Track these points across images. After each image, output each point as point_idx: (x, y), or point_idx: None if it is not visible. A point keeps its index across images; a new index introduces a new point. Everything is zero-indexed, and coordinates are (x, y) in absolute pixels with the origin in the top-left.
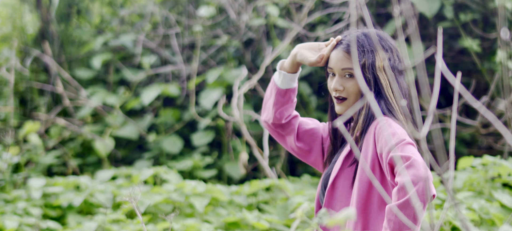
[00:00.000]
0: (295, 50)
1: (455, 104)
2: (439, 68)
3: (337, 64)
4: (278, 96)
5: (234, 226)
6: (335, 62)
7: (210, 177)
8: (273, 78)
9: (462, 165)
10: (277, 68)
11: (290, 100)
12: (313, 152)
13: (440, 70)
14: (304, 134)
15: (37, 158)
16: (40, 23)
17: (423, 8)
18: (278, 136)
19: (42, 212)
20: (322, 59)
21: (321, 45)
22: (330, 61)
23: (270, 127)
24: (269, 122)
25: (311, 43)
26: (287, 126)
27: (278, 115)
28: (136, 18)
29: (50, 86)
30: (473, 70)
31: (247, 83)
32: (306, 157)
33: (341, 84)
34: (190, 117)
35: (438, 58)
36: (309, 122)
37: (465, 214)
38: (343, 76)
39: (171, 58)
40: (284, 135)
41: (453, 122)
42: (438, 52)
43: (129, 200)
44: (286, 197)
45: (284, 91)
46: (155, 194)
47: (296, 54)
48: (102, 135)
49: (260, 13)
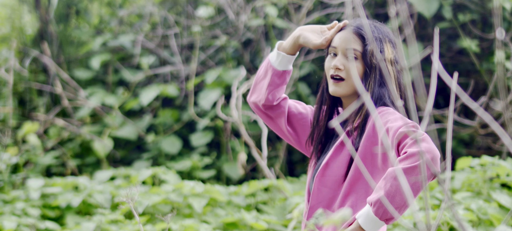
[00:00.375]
0: (298, 33)
1: (451, 105)
2: (436, 69)
3: (342, 44)
4: (275, 77)
5: (232, 227)
6: (340, 42)
7: (209, 178)
8: (269, 59)
9: (460, 165)
10: (275, 48)
11: (285, 82)
12: (302, 137)
13: (436, 71)
14: (293, 117)
15: (36, 158)
16: (39, 24)
17: (421, 8)
18: (267, 118)
19: (41, 212)
20: (327, 42)
21: (323, 28)
22: (334, 41)
23: (259, 109)
24: (260, 104)
25: (313, 26)
26: (277, 108)
27: (271, 97)
28: (135, 19)
29: (49, 86)
30: (472, 71)
31: (245, 84)
32: (294, 141)
33: (343, 64)
34: (189, 117)
35: (434, 59)
36: (297, 106)
37: (463, 215)
38: (346, 57)
39: (170, 58)
40: (274, 117)
41: (449, 123)
42: (435, 53)
43: (126, 201)
44: (285, 197)
45: (281, 73)
46: (154, 195)
47: (299, 36)
48: (101, 136)
49: (258, 13)
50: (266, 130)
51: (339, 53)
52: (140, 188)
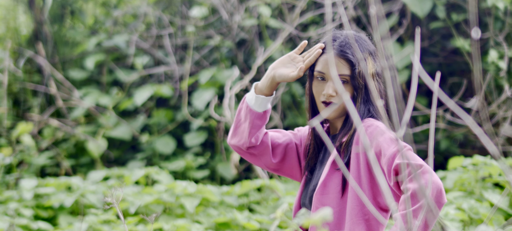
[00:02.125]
0: (271, 73)
1: (433, 107)
2: (417, 71)
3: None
4: (255, 120)
5: (225, 227)
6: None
7: (203, 178)
8: (247, 102)
9: (452, 164)
10: (251, 91)
11: (266, 121)
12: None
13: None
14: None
15: (30, 159)
16: (34, 24)
17: (415, 8)
18: (250, 157)
19: (34, 213)
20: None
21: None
22: (321, 65)
23: (242, 151)
24: (243, 147)
25: (282, 58)
26: (260, 146)
27: (254, 140)
28: (130, 19)
29: (43, 87)
30: (466, 70)
31: (238, 84)
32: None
33: (335, 90)
34: (183, 118)
35: (415, 60)
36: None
37: (454, 214)
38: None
39: (164, 58)
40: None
41: (431, 125)
42: (416, 54)
43: (111, 201)
44: (277, 197)
45: (262, 114)
46: (146, 195)
47: (274, 76)
48: (95, 136)
49: (252, 13)
50: None
51: (328, 79)
52: (133, 188)
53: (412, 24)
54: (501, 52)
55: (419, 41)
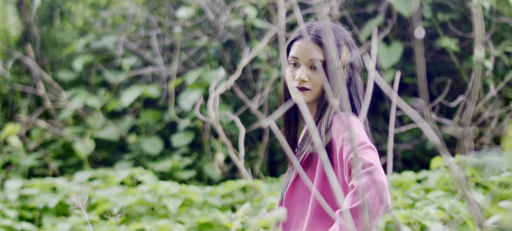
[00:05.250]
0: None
1: (393, 114)
2: (372, 77)
3: (305, 54)
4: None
5: (207, 227)
6: (302, 52)
7: (190, 178)
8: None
9: (435, 164)
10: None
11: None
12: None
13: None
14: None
15: (18, 160)
16: (23, 26)
17: (400, 8)
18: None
19: (18, 213)
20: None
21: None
22: (295, 51)
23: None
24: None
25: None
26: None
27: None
28: (119, 20)
29: (32, 88)
30: (453, 70)
31: (223, 84)
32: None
33: (307, 75)
34: (170, 118)
35: (371, 60)
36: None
37: (435, 213)
38: (310, 67)
39: (152, 59)
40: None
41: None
42: (373, 54)
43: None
44: (261, 197)
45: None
46: (130, 195)
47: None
48: (83, 137)
49: (238, 14)
50: (243, 129)
51: (301, 64)
52: (117, 189)
53: (398, 24)
54: (488, 51)
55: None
